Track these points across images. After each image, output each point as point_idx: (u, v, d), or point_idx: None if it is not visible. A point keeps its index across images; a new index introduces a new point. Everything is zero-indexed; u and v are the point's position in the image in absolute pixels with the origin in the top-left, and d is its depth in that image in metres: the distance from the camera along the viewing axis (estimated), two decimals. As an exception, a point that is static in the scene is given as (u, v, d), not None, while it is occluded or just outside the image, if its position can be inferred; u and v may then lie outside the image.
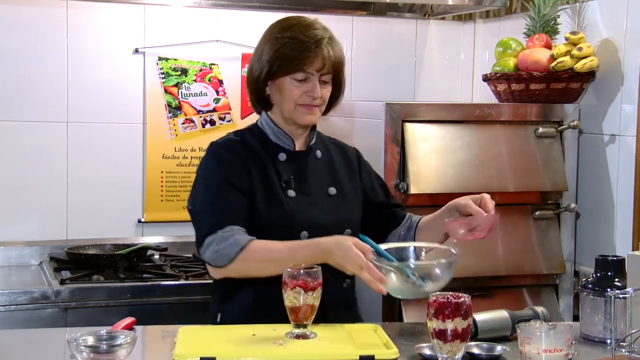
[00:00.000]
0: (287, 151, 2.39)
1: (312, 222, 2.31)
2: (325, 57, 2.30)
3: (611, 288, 2.09)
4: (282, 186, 2.34)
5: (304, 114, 2.34)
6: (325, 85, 2.34)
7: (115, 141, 3.49)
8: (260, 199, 2.31)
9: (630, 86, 2.97)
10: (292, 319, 2.05)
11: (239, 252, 2.20)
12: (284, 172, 2.36)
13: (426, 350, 1.96)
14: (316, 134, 2.46)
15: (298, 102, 2.32)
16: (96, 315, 2.87)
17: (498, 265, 3.01)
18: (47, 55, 3.39)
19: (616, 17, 3.05)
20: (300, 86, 2.31)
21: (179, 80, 3.54)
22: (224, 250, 2.22)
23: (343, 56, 2.38)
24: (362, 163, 2.53)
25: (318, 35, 2.32)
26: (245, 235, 2.25)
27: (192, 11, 3.56)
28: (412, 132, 2.93)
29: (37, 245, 3.36)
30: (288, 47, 2.31)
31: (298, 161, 2.40)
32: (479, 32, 3.87)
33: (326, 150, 2.47)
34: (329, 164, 2.45)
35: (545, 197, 3.12)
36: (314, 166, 2.41)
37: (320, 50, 2.29)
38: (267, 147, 2.38)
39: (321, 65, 2.30)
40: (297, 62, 2.30)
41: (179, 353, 1.91)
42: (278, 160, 2.37)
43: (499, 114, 3.07)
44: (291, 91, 2.32)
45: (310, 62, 2.29)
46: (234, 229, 2.25)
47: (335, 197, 2.40)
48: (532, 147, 3.07)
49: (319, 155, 2.44)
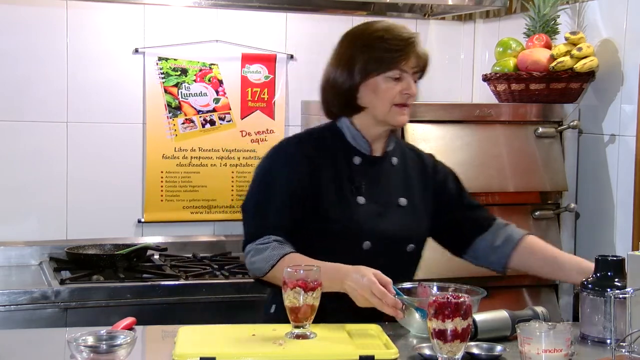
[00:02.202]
0: (362, 155, 2.36)
1: (377, 232, 2.28)
2: (420, 55, 2.31)
3: (611, 288, 2.09)
4: (352, 191, 2.31)
5: (398, 114, 2.31)
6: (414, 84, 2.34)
7: (115, 141, 3.49)
8: (327, 200, 2.29)
9: (630, 86, 2.97)
10: (292, 319, 2.05)
11: (270, 269, 2.21)
12: (356, 176, 2.33)
13: (426, 350, 1.96)
14: (394, 140, 2.43)
15: (394, 101, 2.30)
16: (96, 315, 2.87)
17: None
18: (47, 55, 3.39)
19: (616, 17, 3.05)
20: (396, 85, 2.30)
21: (179, 80, 3.54)
22: (257, 264, 2.24)
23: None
24: (437, 169, 2.47)
25: (409, 34, 2.33)
26: (279, 249, 2.22)
27: (192, 11, 3.56)
28: (412, 132, 2.92)
29: (37, 245, 3.36)
30: (383, 47, 2.30)
31: (372, 167, 2.36)
32: (479, 32, 3.87)
33: (403, 158, 2.42)
34: (404, 172, 2.40)
35: (545, 197, 3.12)
36: (388, 173, 2.37)
37: (414, 48, 2.30)
38: (343, 149, 2.36)
39: (416, 63, 2.31)
40: (394, 60, 2.29)
41: (179, 353, 1.91)
42: (352, 164, 2.34)
43: (498, 114, 3.07)
44: (387, 90, 2.30)
45: (407, 59, 2.29)
46: (270, 241, 2.24)
47: (405, 208, 2.36)
48: (532, 147, 3.07)
49: (395, 162, 2.40)
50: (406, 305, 2.15)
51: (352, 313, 2.18)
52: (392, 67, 2.29)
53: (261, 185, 2.33)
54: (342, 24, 3.74)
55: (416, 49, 2.31)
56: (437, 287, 2.25)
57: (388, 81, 2.30)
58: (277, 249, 2.23)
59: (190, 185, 3.58)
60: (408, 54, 2.29)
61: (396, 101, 2.30)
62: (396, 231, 2.32)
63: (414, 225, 2.37)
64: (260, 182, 2.34)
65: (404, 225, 2.33)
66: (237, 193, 3.63)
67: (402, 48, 2.30)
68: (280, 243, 2.25)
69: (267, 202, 2.29)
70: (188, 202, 3.58)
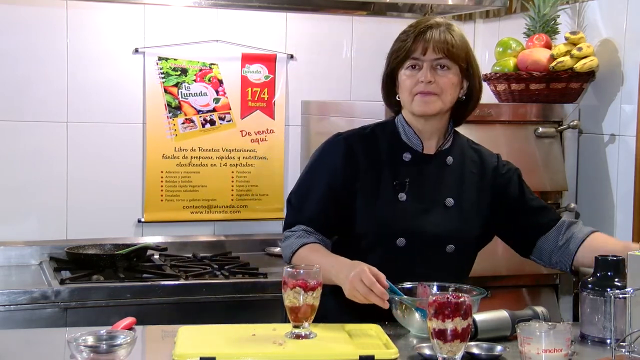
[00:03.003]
0: (413, 152, 2.35)
1: (412, 230, 2.27)
2: (428, 40, 2.27)
3: (611, 288, 2.09)
4: (395, 187, 2.30)
5: (420, 102, 2.29)
6: (443, 72, 2.29)
7: (115, 141, 3.49)
8: (362, 198, 2.31)
9: (630, 86, 2.97)
10: (292, 318, 2.05)
11: (291, 256, 2.30)
12: (402, 173, 2.32)
13: (426, 350, 1.96)
14: (453, 138, 2.40)
15: (414, 91, 2.30)
16: (96, 315, 2.87)
17: (498, 265, 3.00)
18: (47, 55, 3.39)
19: (616, 17, 3.05)
20: (412, 75, 2.30)
21: (179, 80, 3.54)
22: (284, 250, 2.34)
23: (464, 46, 2.32)
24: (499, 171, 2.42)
25: (427, 23, 2.31)
26: (303, 238, 2.29)
27: (192, 11, 3.56)
28: (412, 132, 2.92)
29: (37, 245, 3.36)
30: (399, 40, 2.34)
31: (422, 164, 2.35)
32: (479, 32, 3.87)
33: (462, 157, 2.39)
34: (459, 172, 2.37)
35: (545, 197, 3.11)
36: (439, 172, 2.35)
37: (424, 33, 2.28)
38: (394, 145, 2.36)
39: (424, 49, 2.27)
40: (402, 49, 2.30)
41: (179, 353, 1.91)
42: (402, 160, 2.34)
43: (499, 114, 3.07)
44: (405, 81, 2.31)
45: (413, 47, 2.28)
46: (298, 230, 2.31)
47: (452, 208, 2.33)
48: (532, 147, 3.07)
49: (450, 161, 2.37)
50: (406, 305, 2.16)
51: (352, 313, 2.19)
52: (403, 57, 2.30)
53: (305, 177, 2.40)
54: (342, 24, 3.75)
55: (427, 34, 2.28)
56: (437, 287, 2.25)
57: (407, 72, 2.31)
58: (301, 237, 2.29)
59: (190, 185, 3.58)
60: (415, 40, 2.28)
61: (415, 90, 2.29)
62: (435, 231, 2.30)
63: (458, 226, 2.33)
64: (305, 174, 2.41)
65: (446, 226, 2.30)
66: (237, 193, 3.63)
67: (411, 35, 2.30)
68: (307, 232, 2.30)
69: (307, 194, 2.36)
70: (188, 202, 3.58)
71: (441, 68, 2.29)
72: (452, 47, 2.28)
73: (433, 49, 2.27)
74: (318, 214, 2.32)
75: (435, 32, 2.28)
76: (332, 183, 2.32)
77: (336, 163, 2.33)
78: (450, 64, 2.29)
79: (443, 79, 2.29)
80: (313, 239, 2.29)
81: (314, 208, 2.33)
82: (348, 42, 3.75)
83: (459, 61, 2.30)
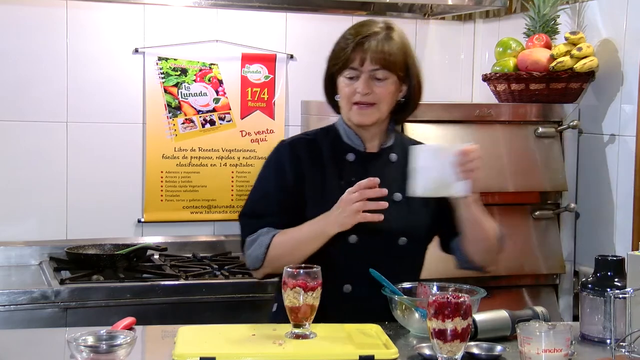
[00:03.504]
0: (356, 152, 2.37)
1: (363, 226, 2.26)
2: (366, 50, 2.27)
3: (611, 288, 2.09)
4: (342, 187, 2.30)
5: (357, 113, 2.32)
6: (379, 83, 2.30)
7: (115, 141, 3.49)
8: (311, 199, 2.32)
9: (630, 86, 2.97)
10: (292, 318, 2.05)
11: (266, 252, 2.27)
12: (348, 173, 2.34)
13: (426, 350, 1.96)
14: (395, 136, 2.42)
15: (352, 100, 2.31)
16: (96, 315, 2.88)
17: (498, 266, 3.00)
18: (47, 55, 3.39)
19: (616, 17, 3.05)
20: (350, 84, 2.31)
21: (179, 80, 3.54)
22: (253, 253, 2.30)
23: (403, 54, 2.32)
24: None
25: (368, 31, 2.30)
26: (269, 233, 2.29)
27: (192, 11, 3.56)
28: (412, 132, 2.92)
29: (36, 245, 3.36)
30: (338, 46, 2.34)
31: (367, 163, 2.37)
32: (478, 32, 3.87)
33: (405, 154, 2.39)
34: (404, 168, 2.36)
35: (545, 197, 3.12)
36: (384, 169, 2.36)
37: (363, 44, 2.28)
38: (337, 147, 2.38)
39: (362, 60, 2.28)
40: (340, 58, 2.31)
41: (179, 353, 1.91)
42: (346, 161, 2.36)
43: (498, 114, 3.07)
44: (344, 89, 2.32)
45: (352, 57, 2.29)
46: (261, 231, 2.31)
47: (401, 203, 2.34)
48: (532, 147, 3.07)
49: (394, 158, 2.39)
50: (406, 305, 2.16)
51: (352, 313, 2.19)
52: (342, 65, 2.31)
53: (257, 188, 2.41)
54: (342, 24, 3.70)
55: (365, 44, 2.28)
56: (437, 287, 2.25)
57: (345, 80, 2.32)
58: (268, 233, 2.30)
59: (190, 185, 3.58)
60: (353, 50, 2.29)
61: (353, 100, 2.31)
62: (386, 225, 2.29)
63: (408, 219, 2.35)
64: (256, 185, 2.42)
65: (396, 220, 2.30)
66: (237, 193, 3.63)
67: (350, 43, 2.30)
68: (270, 229, 2.31)
69: (261, 201, 2.36)
70: (188, 202, 3.58)
71: (378, 80, 2.30)
72: (389, 57, 2.30)
73: (371, 60, 2.28)
74: (277, 216, 2.33)
75: (374, 41, 2.29)
76: (284, 185, 2.34)
77: (284, 166, 2.35)
78: (387, 74, 2.31)
79: (380, 89, 2.31)
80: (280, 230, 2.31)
81: (272, 211, 2.33)
82: (348, 42, 3.74)
83: (396, 71, 2.31)
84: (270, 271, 2.32)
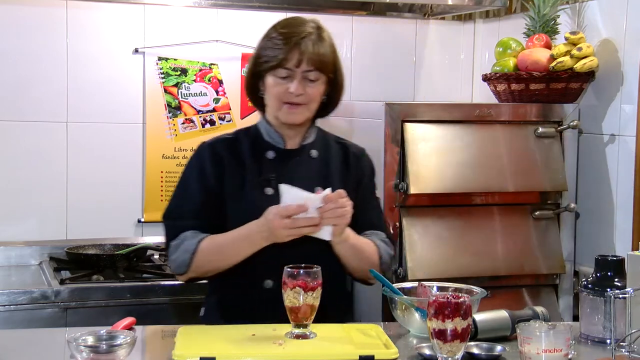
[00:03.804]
0: (276, 149, 2.39)
1: None
2: (303, 52, 2.29)
3: (611, 288, 2.09)
4: (262, 184, 2.33)
5: (287, 112, 2.34)
6: (311, 84, 2.33)
7: (115, 141, 3.49)
8: (231, 198, 2.34)
9: (630, 86, 2.97)
10: (292, 319, 2.05)
11: (192, 258, 2.28)
12: (268, 170, 2.36)
13: (426, 350, 1.97)
14: (316, 132, 2.45)
15: (283, 99, 2.33)
16: (96, 315, 2.88)
17: (498, 265, 3.01)
18: (47, 55, 3.39)
19: (616, 17, 3.05)
20: (282, 83, 2.32)
21: (179, 80, 3.54)
22: (178, 259, 2.31)
23: (333, 55, 2.36)
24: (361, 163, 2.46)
25: (302, 32, 2.32)
26: (195, 238, 2.30)
27: (192, 11, 3.56)
28: (412, 132, 2.93)
29: (36, 245, 3.36)
30: (270, 44, 2.34)
31: (287, 160, 2.39)
32: (478, 32, 3.87)
33: (326, 150, 2.44)
34: (325, 164, 2.42)
35: (544, 197, 3.12)
36: (304, 165, 2.39)
37: (299, 45, 2.29)
38: (257, 146, 2.39)
39: (298, 61, 2.29)
40: (275, 57, 2.31)
41: (179, 353, 1.91)
42: (265, 158, 2.38)
43: (498, 114, 3.07)
44: (274, 88, 2.33)
45: (287, 57, 2.30)
46: (185, 235, 2.31)
47: None
48: (532, 147, 3.07)
49: (315, 154, 2.42)
50: (406, 305, 2.16)
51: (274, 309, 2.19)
52: (275, 65, 2.31)
53: (178, 190, 2.42)
54: (342, 24, 3.75)
55: (302, 45, 2.29)
56: (437, 287, 2.25)
57: (276, 79, 2.32)
58: (192, 237, 2.30)
59: (190, 185, 3.57)
60: (289, 51, 2.29)
61: (284, 99, 2.33)
62: None
63: None
64: (177, 188, 2.42)
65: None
66: (237, 193, 3.63)
67: (286, 44, 2.30)
68: (195, 233, 2.31)
69: (183, 204, 2.37)
70: (188, 202, 3.58)
71: (311, 80, 2.32)
72: (323, 58, 2.33)
73: (307, 62, 2.30)
74: (200, 219, 2.34)
75: (309, 43, 2.31)
76: (205, 186, 2.35)
77: (205, 167, 2.36)
78: (319, 76, 2.33)
79: (312, 90, 2.33)
80: (206, 235, 2.31)
81: (195, 214, 2.34)
82: (348, 42, 3.75)
83: (328, 72, 2.35)
84: (195, 276, 2.35)
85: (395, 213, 2.91)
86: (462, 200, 3.00)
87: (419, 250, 2.90)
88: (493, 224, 3.03)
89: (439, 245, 2.93)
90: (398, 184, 2.90)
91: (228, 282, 2.33)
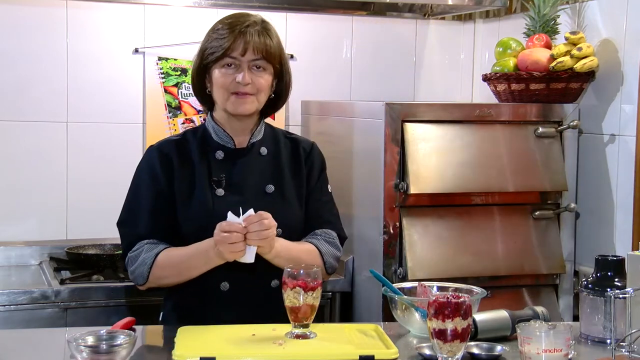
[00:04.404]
0: (225, 149, 2.39)
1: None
2: (248, 41, 2.31)
3: (611, 288, 2.09)
4: (212, 185, 2.33)
5: (236, 102, 2.34)
6: (259, 73, 2.34)
7: (115, 141, 3.49)
8: (181, 200, 2.34)
9: (630, 86, 2.97)
10: (292, 319, 2.05)
11: (149, 271, 2.30)
12: (217, 170, 2.36)
13: (426, 350, 1.97)
14: (265, 129, 2.45)
15: (230, 90, 2.33)
16: (96, 315, 2.88)
17: (498, 265, 3.01)
18: (47, 55, 3.39)
19: (616, 17, 3.05)
20: (229, 74, 2.33)
21: (179, 80, 3.54)
22: (136, 271, 2.33)
23: (279, 47, 2.37)
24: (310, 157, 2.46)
25: (246, 21, 2.34)
26: (152, 250, 2.30)
27: (192, 11, 3.56)
28: (411, 132, 2.93)
29: (36, 245, 3.36)
30: (215, 35, 2.36)
31: (237, 159, 2.39)
32: (478, 32, 3.87)
33: (276, 146, 2.44)
34: (276, 160, 2.42)
35: (545, 197, 3.12)
36: (254, 163, 2.40)
37: (244, 34, 2.31)
38: (206, 146, 2.40)
39: (244, 49, 2.31)
40: (220, 47, 2.32)
41: (179, 353, 1.91)
42: (214, 159, 2.38)
43: (498, 114, 3.07)
44: (221, 79, 2.34)
45: (232, 47, 2.31)
46: (142, 246, 2.32)
47: (273, 195, 2.38)
48: (532, 147, 3.07)
49: (264, 152, 2.42)
50: (406, 305, 2.16)
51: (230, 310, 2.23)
52: (221, 54, 2.32)
53: (130, 196, 2.42)
54: (342, 24, 3.75)
55: (247, 35, 2.31)
56: (437, 287, 2.25)
57: (222, 70, 2.34)
58: (149, 250, 2.31)
59: (190, 185, 3.57)
60: (234, 40, 2.31)
61: (231, 89, 2.33)
62: None
63: (282, 210, 2.35)
64: (129, 194, 2.43)
65: (269, 211, 2.26)
66: (237, 193, 3.63)
67: (230, 33, 2.32)
68: (152, 244, 2.32)
69: (137, 210, 2.38)
70: (188, 202, 3.57)
71: (257, 69, 2.34)
72: (270, 48, 2.34)
73: (253, 50, 2.32)
74: (155, 224, 2.34)
75: (254, 32, 2.32)
76: (157, 188, 2.36)
77: (155, 170, 2.37)
78: (266, 65, 2.35)
79: (259, 79, 2.34)
80: (163, 246, 2.32)
81: (149, 219, 2.35)
82: (348, 42, 3.75)
83: (274, 63, 2.36)
84: (155, 286, 2.36)
85: (395, 213, 2.91)
86: (462, 200, 3.00)
87: (419, 250, 2.90)
88: (493, 224, 3.03)
89: (439, 245, 2.93)
90: (398, 184, 2.91)
91: (185, 286, 2.33)
